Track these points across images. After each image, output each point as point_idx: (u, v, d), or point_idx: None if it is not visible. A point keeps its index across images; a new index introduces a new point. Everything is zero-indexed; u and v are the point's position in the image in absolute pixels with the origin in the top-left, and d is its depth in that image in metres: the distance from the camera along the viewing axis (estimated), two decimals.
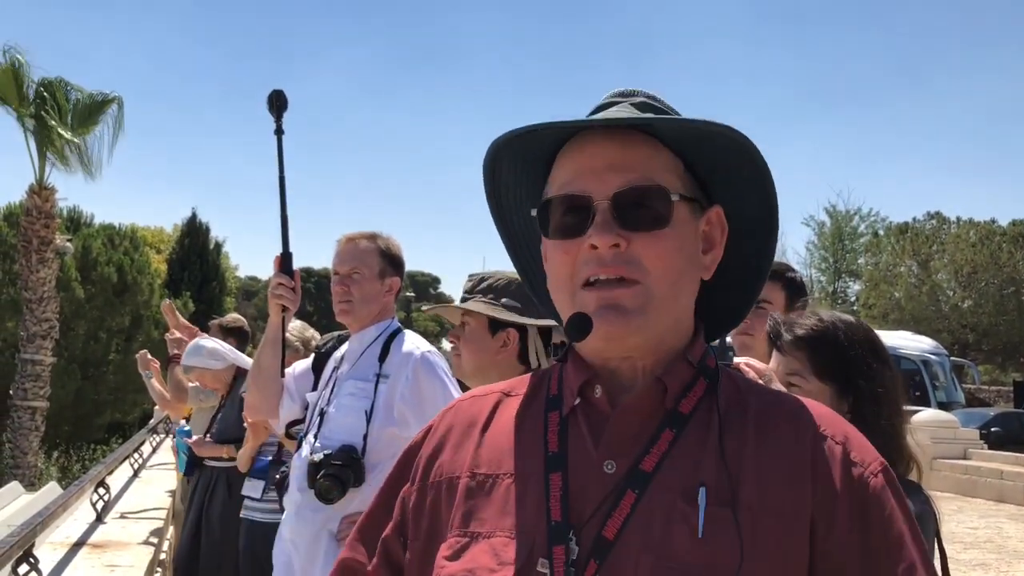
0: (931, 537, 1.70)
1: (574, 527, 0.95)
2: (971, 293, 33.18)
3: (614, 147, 1.00)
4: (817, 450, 0.97)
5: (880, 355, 1.81)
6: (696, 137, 1.02)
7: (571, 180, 1.01)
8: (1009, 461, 15.27)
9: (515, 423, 1.07)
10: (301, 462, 2.76)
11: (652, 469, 0.96)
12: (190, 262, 29.12)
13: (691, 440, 0.98)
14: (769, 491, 0.94)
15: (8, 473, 15.16)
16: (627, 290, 0.98)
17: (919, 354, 20.92)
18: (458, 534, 1.00)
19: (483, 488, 1.02)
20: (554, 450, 1.00)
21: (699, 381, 1.02)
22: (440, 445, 1.10)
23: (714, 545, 0.91)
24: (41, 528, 3.54)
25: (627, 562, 0.92)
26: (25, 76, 15.97)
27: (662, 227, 0.99)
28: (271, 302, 2.96)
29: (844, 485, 0.95)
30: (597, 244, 0.97)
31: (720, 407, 1.00)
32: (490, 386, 1.16)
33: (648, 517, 0.94)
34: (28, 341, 16.26)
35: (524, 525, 0.97)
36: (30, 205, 16.44)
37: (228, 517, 4.68)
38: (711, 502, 0.93)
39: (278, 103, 2.91)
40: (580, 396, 1.03)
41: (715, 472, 0.95)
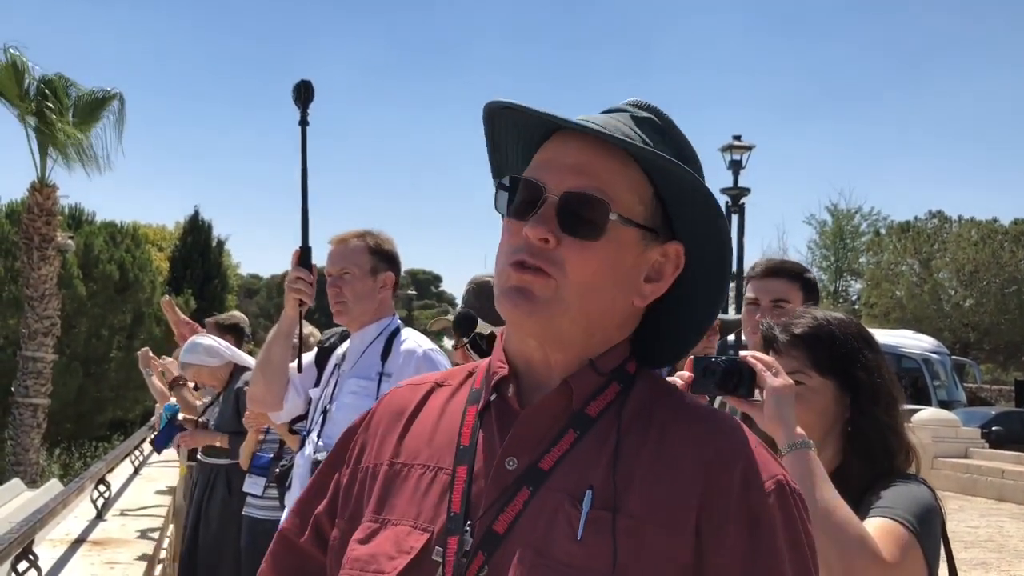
0: (937, 534, 1.70)
1: (471, 519, 0.98)
2: (973, 292, 33.15)
3: (587, 151, 1.02)
4: (713, 464, 0.97)
5: (873, 348, 1.85)
6: (666, 170, 1.02)
7: (538, 167, 1.04)
8: (1010, 460, 15.27)
9: (439, 415, 1.10)
10: (304, 461, 2.76)
11: (549, 468, 0.99)
12: (192, 260, 29.11)
13: (591, 443, 1.00)
14: (655, 501, 0.95)
15: (10, 470, 15.17)
16: (540, 279, 0.99)
17: (920, 353, 20.93)
18: (371, 519, 1.05)
19: (398, 476, 1.06)
20: (465, 444, 1.04)
21: (611, 386, 1.03)
22: (373, 431, 1.14)
23: (590, 548, 0.93)
24: (40, 525, 3.54)
25: (510, 556, 0.95)
26: (25, 73, 15.97)
27: (592, 239, 1.00)
28: (288, 295, 2.93)
29: (737, 508, 0.95)
30: (529, 234, 0.99)
31: (624, 414, 1.01)
32: (427, 375, 1.20)
33: (536, 515, 0.97)
34: (30, 338, 16.26)
35: (427, 515, 1.01)
36: (31, 202, 16.44)
37: (227, 514, 4.68)
38: (595, 505, 0.95)
39: (305, 94, 2.89)
40: (495, 392, 1.05)
41: (604, 476, 0.97)
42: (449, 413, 1.09)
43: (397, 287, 3.00)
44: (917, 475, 1.78)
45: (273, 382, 3.02)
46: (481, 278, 2.55)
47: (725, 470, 0.97)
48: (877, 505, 1.67)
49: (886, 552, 1.56)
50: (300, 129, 2.88)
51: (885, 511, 1.64)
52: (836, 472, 1.72)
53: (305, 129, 2.88)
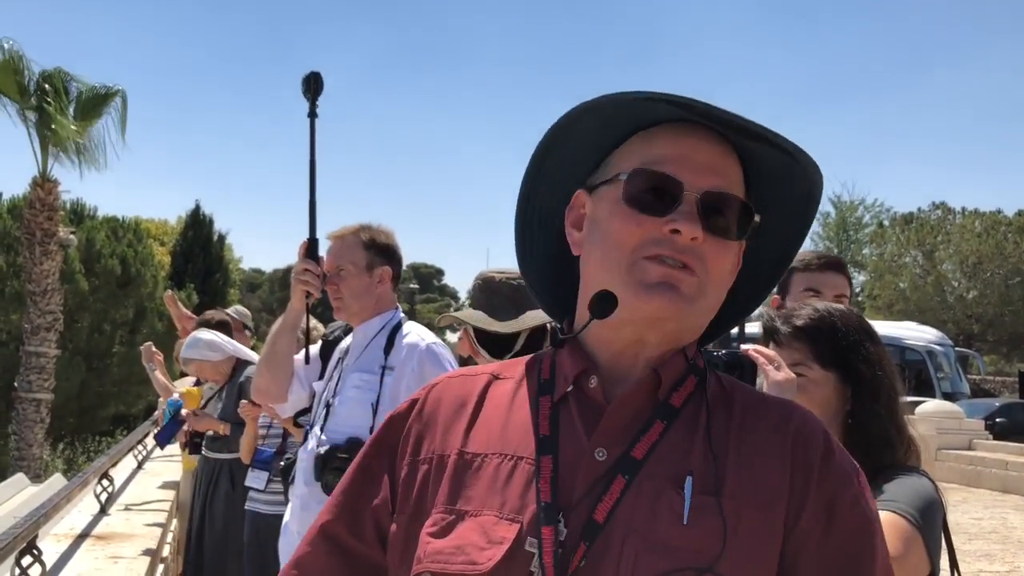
0: (939, 526, 1.70)
1: (563, 509, 0.97)
2: (976, 283, 33.14)
3: (716, 149, 1.03)
4: (796, 447, 1.01)
5: (875, 340, 1.85)
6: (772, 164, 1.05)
7: (667, 161, 1.02)
8: (1014, 452, 15.26)
9: (506, 405, 1.08)
10: (307, 455, 2.76)
11: (642, 457, 0.99)
12: (194, 254, 29.13)
13: (680, 432, 1.01)
14: (751, 483, 0.98)
15: (13, 465, 15.21)
16: (688, 276, 1.00)
17: (924, 345, 20.90)
18: (443, 511, 1.01)
19: (471, 467, 1.03)
20: (545, 433, 1.02)
21: (690, 377, 1.05)
22: (429, 421, 1.10)
23: (698, 530, 0.95)
24: (45, 520, 3.55)
25: (615, 544, 0.95)
26: (25, 68, 15.95)
27: (734, 239, 1.03)
28: (295, 287, 2.92)
29: (817, 482, 0.99)
30: (682, 231, 0.99)
31: (708, 402, 1.04)
32: (479, 367, 1.18)
33: (636, 502, 0.97)
34: (32, 333, 16.28)
35: (513, 505, 0.99)
36: (33, 197, 16.43)
37: (232, 509, 4.69)
38: (697, 490, 0.97)
39: (315, 86, 2.87)
40: (574, 384, 1.05)
41: (701, 462, 0.99)
42: (518, 404, 1.08)
43: (398, 280, 2.98)
44: (918, 468, 1.77)
45: (278, 374, 3.01)
46: (487, 273, 2.53)
47: (809, 455, 1.01)
48: (879, 498, 1.66)
49: (890, 546, 1.56)
50: (309, 121, 2.87)
51: (887, 504, 1.64)
52: None
53: (314, 121, 2.87)
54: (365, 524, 1.10)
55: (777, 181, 1.07)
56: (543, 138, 1.09)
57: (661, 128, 1.04)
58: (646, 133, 1.05)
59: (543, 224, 1.16)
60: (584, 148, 1.09)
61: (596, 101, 1.04)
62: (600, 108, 1.04)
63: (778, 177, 1.07)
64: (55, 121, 15.75)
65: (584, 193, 1.10)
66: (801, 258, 2.63)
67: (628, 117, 1.05)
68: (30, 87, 16.08)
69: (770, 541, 0.97)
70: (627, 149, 1.06)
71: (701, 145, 1.03)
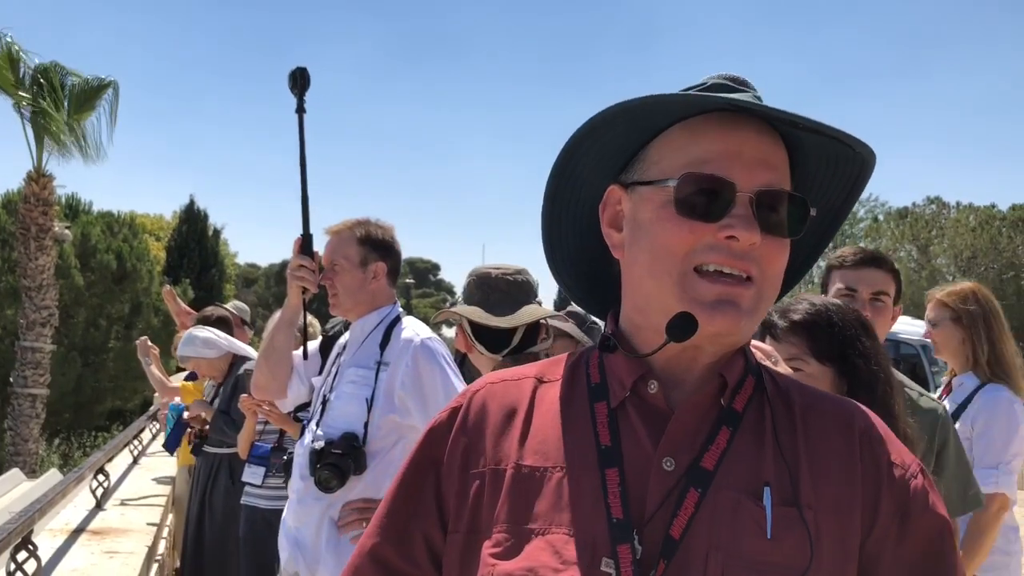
0: None
1: (636, 524, 0.93)
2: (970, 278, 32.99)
3: (765, 140, 0.98)
4: (863, 449, 0.98)
5: (871, 335, 1.85)
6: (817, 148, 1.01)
7: (713, 160, 0.96)
8: None
9: (558, 412, 1.02)
10: (303, 450, 2.76)
11: (713, 467, 0.95)
12: (189, 249, 29.07)
13: (747, 438, 0.98)
14: (824, 489, 0.95)
15: (9, 460, 15.18)
16: (746, 290, 0.96)
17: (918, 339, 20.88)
18: (506, 530, 0.96)
19: (532, 481, 0.98)
20: (607, 444, 0.97)
21: (748, 378, 1.01)
22: (476, 431, 1.04)
23: (784, 545, 0.91)
24: (40, 515, 3.54)
25: (696, 561, 0.91)
26: (20, 62, 15.89)
27: (790, 236, 0.98)
28: (291, 283, 2.93)
29: (887, 485, 0.97)
30: (740, 237, 0.94)
31: (772, 405, 1.00)
32: (518, 369, 1.12)
33: (713, 516, 0.93)
34: (28, 329, 16.24)
35: (583, 522, 0.94)
36: (28, 192, 16.38)
37: (231, 504, 4.70)
38: (776, 501, 0.93)
39: (302, 81, 2.87)
40: (631, 389, 1.00)
41: (775, 471, 0.95)
42: (571, 410, 1.02)
43: (394, 275, 2.98)
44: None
45: (277, 370, 3.02)
46: (483, 270, 2.53)
47: (876, 456, 0.99)
48: None
49: None
50: (297, 117, 2.87)
51: None
52: None
53: (302, 116, 2.87)
54: (415, 545, 1.04)
55: (823, 166, 1.03)
56: (571, 138, 1.03)
57: (705, 120, 0.98)
58: (688, 126, 0.98)
59: (573, 222, 1.11)
60: (614, 145, 1.04)
61: (639, 101, 0.97)
62: (638, 108, 0.98)
63: (825, 162, 1.03)
64: (50, 116, 15.70)
65: (619, 189, 1.04)
66: (840, 255, 2.59)
67: (668, 113, 0.99)
68: (25, 81, 16.01)
69: (850, 549, 0.94)
70: (668, 143, 1.00)
71: (750, 138, 0.97)
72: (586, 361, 1.06)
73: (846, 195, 1.06)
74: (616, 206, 1.05)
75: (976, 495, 2.48)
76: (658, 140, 1.01)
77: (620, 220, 1.04)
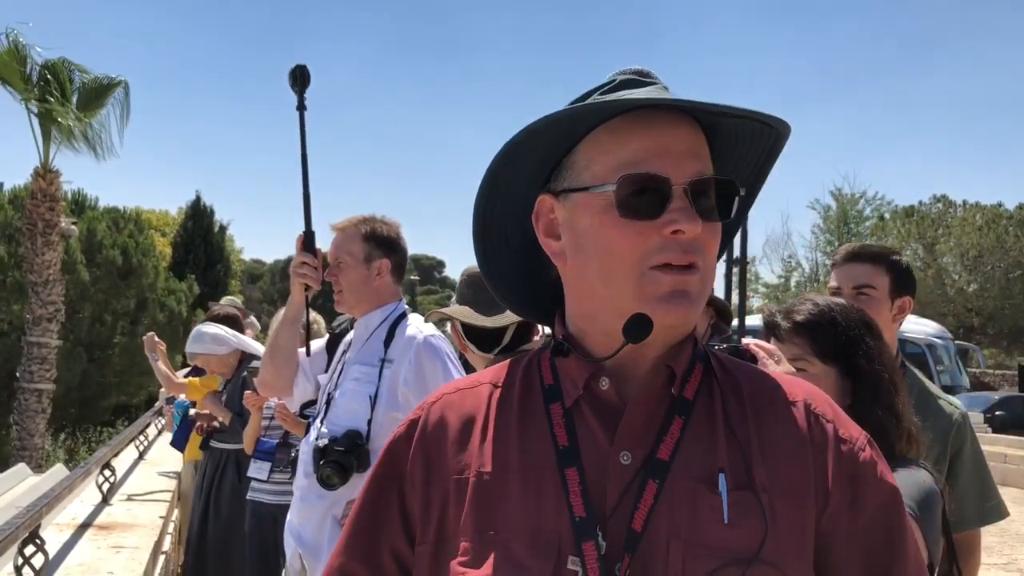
0: (937, 518, 1.71)
1: (599, 521, 0.94)
2: (977, 277, 33.09)
3: (687, 131, 0.99)
4: (812, 429, 1.00)
5: (875, 334, 1.84)
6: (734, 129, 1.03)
7: (644, 159, 0.97)
8: (1013, 445, 15.29)
9: (515, 416, 1.04)
10: (308, 447, 2.77)
11: (669, 458, 0.97)
12: (195, 245, 29.16)
13: (700, 426, 1.00)
14: (777, 471, 0.97)
15: (15, 455, 15.24)
16: (692, 277, 0.98)
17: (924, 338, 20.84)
18: (472, 538, 0.97)
19: (494, 487, 0.99)
20: (564, 443, 0.99)
21: (697, 365, 1.03)
22: (436, 441, 1.05)
23: (741, 528, 0.93)
24: (47, 510, 3.56)
25: (658, 552, 0.92)
26: (28, 58, 15.92)
27: (723, 219, 1.00)
28: (294, 280, 2.93)
29: (835, 462, 0.99)
30: (685, 230, 0.96)
31: (722, 390, 1.02)
32: (474, 376, 1.13)
33: (672, 506, 0.94)
34: (34, 324, 16.29)
35: (547, 523, 0.96)
36: (35, 188, 16.42)
37: (237, 499, 4.71)
38: (731, 487, 0.95)
39: (302, 78, 2.87)
40: (584, 388, 1.02)
41: (729, 456, 0.97)
42: (528, 414, 1.03)
43: (400, 272, 2.97)
44: (917, 460, 1.78)
45: (282, 367, 3.03)
46: (473, 269, 2.53)
47: (825, 434, 1.00)
48: None
49: None
50: (298, 114, 2.88)
51: None
52: None
53: (303, 114, 2.88)
54: (383, 560, 1.05)
55: (740, 144, 1.05)
56: (492, 162, 1.04)
57: (626, 120, 0.99)
58: (610, 128, 0.99)
59: (504, 235, 1.11)
60: (537, 157, 1.04)
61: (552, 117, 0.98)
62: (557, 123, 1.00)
63: (741, 140, 1.05)
64: (57, 111, 15.73)
65: (549, 198, 1.04)
66: (834, 253, 2.53)
67: (588, 120, 1.00)
68: (32, 77, 16.05)
69: (806, 525, 0.96)
70: (594, 147, 1.00)
71: (673, 132, 0.99)
72: (537, 363, 1.08)
73: (759, 168, 1.09)
74: (549, 215, 1.05)
75: (996, 507, 2.37)
76: (582, 145, 1.02)
77: (556, 228, 1.04)
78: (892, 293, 2.41)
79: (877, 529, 0.99)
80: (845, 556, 0.98)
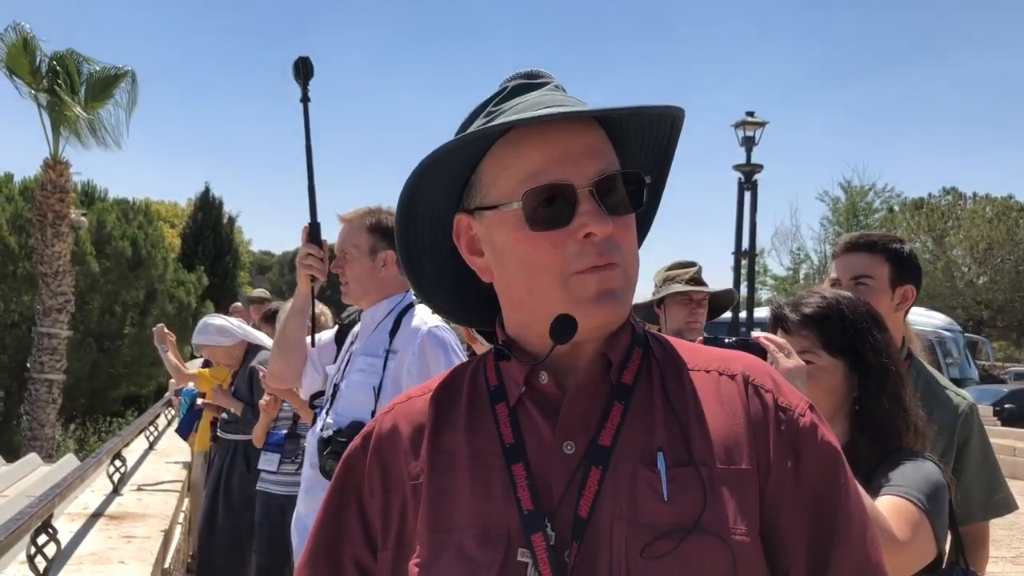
0: (945, 510, 1.71)
1: (547, 513, 0.97)
2: (986, 269, 32.96)
3: (581, 133, 1.00)
4: (751, 400, 1.02)
5: (882, 327, 1.85)
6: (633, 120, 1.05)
7: (543, 169, 0.98)
8: (1022, 437, 15.25)
9: (463, 420, 1.06)
10: (313, 438, 2.79)
11: (611, 443, 0.99)
12: (204, 236, 29.22)
13: (639, 409, 1.02)
14: (716, 445, 0.99)
15: (26, 445, 15.36)
16: (614, 273, 0.99)
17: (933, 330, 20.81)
18: (427, 540, 1.00)
19: (445, 488, 1.02)
20: (510, 441, 1.01)
21: (635, 350, 1.05)
22: (391, 451, 1.08)
23: (680, 503, 0.95)
24: (59, 499, 3.59)
25: (603, 535, 0.95)
26: (36, 50, 15.98)
27: (634, 211, 1.02)
28: (299, 272, 2.95)
29: (775, 430, 1.00)
30: (596, 232, 0.97)
31: (661, 372, 1.04)
32: (424, 385, 1.15)
33: (614, 489, 0.97)
34: (44, 315, 16.39)
35: (497, 519, 0.98)
36: (45, 179, 16.50)
37: (246, 490, 4.75)
38: (670, 464, 0.97)
39: (305, 71, 2.88)
40: (525, 384, 1.04)
41: (667, 435, 0.99)
42: (474, 416, 1.06)
43: None
44: (924, 452, 1.79)
45: (291, 358, 3.05)
46: None
47: (764, 404, 1.02)
48: (887, 484, 1.68)
49: (898, 531, 1.58)
50: (302, 106, 2.89)
51: (895, 489, 1.66)
52: (844, 450, 1.73)
53: (307, 106, 2.89)
54: (346, 570, 1.08)
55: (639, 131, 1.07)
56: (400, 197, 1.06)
57: (520, 133, 1.00)
58: (508, 142, 1.01)
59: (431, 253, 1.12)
60: (446, 181, 1.06)
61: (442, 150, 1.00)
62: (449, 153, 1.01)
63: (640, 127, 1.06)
64: (66, 103, 15.79)
65: (465, 216, 1.06)
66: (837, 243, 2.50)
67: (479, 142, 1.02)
68: (41, 69, 16.11)
69: (748, 499, 0.97)
70: (496, 163, 1.02)
71: (567, 136, 0.99)
72: (484, 366, 1.10)
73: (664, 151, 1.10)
74: (468, 232, 1.07)
75: (1004, 500, 2.35)
76: (485, 162, 1.03)
77: (478, 244, 1.06)
78: (892, 282, 2.35)
79: (821, 492, 1.00)
80: (792, 522, 0.99)
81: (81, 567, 3.52)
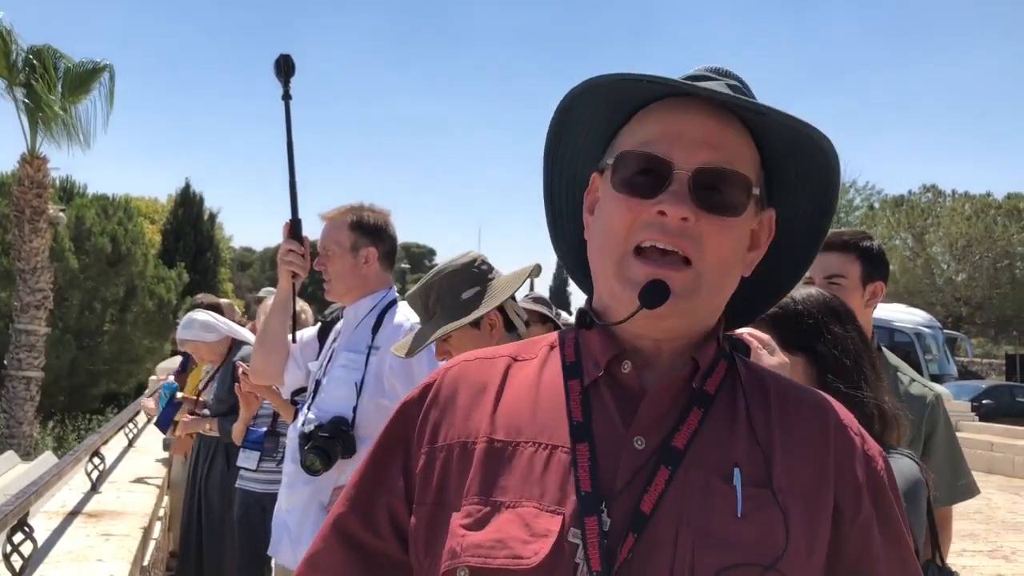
0: (922, 507, 1.72)
1: (605, 499, 0.94)
2: (965, 266, 33.28)
3: (712, 122, 0.99)
4: (838, 440, 1.01)
5: (842, 320, 1.83)
6: (786, 138, 1.01)
7: (656, 140, 0.98)
8: (999, 433, 15.43)
9: (532, 389, 1.04)
10: (295, 433, 2.78)
11: (684, 447, 0.96)
12: (184, 232, 29.04)
13: (719, 420, 0.99)
14: (796, 474, 0.97)
15: (3, 443, 15.20)
16: (678, 272, 0.96)
17: (912, 327, 21.00)
18: (477, 502, 0.97)
19: (503, 455, 0.99)
20: (579, 419, 0.99)
21: (720, 363, 1.03)
22: (447, 406, 1.05)
23: (754, 524, 0.93)
24: (36, 497, 3.55)
25: (666, 536, 0.92)
26: (13, 44, 15.80)
27: (733, 215, 0.99)
28: (281, 268, 2.95)
29: (865, 477, 1.00)
30: (668, 212, 0.95)
31: (744, 389, 1.02)
32: (496, 348, 1.13)
33: (683, 494, 0.94)
34: (22, 311, 16.23)
35: (553, 495, 0.95)
36: (22, 175, 16.33)
37: (226, 487, 4.72)
38: (746, 482, 0.95)
39: (286, 68, 2.89)
40: (605, 369, 1.01)
41: (747, 453, 0.97)
42: (545, 387, 1.03)
43: (389, 260, 2.97)
44: (898, 447, 1.78)
45: (273, 355, 3.05)
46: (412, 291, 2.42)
47: (852, 447, 1.01)
48: None
49: None
50: (283, 103, 2.88)
51: None
52: None
53: (288, 103, 2.88)
54: (379, 518, 1.06)
55: (796, 158, 1.03)
56: (550, 125, 1.07)
57: (657, 106, 1.01)
58: (647, 111, 1.02)
59: (571, 212, 1.13)
60: (591, 131, 1.07)
61: (594, 80, 1.00)
62: (598, 88, 1.01)
63: (796, 153, 1.03)
64: (43, 98, 15.63)
65: (598, 175, 1.07)
66: None
67: (627, 98, 1.02)
68: (18, 63, 15.93)
69: (819, 535, 0.96)
70: (627, 129, 1.03)
71: (694, 119, 0.98)
72: (563, 342, 1.08)
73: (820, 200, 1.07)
74: (596, 192, 1.07)
75: (967, 485, 2.44)
76: (623, 129, 1.04)
77: (595, 205, 1.06)
78: (863, 279, 2.44)
79: (892, 542, 1.01)
80: (873, 566, 0.99)
81: (59, 565, 3.49)
